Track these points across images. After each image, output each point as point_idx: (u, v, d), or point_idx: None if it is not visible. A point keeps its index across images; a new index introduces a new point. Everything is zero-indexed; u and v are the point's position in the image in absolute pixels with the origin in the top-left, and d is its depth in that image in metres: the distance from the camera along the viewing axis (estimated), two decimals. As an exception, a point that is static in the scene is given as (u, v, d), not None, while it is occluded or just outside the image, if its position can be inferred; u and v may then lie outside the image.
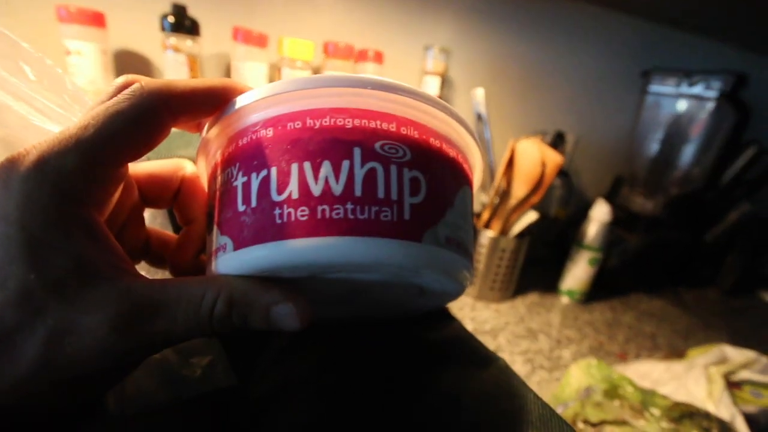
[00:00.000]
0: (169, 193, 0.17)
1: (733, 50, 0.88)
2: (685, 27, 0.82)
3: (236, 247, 0.13)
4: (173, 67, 0.49)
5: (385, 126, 0.13)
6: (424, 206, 0.13)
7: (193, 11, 0.50)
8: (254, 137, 0.14)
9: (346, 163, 0.13)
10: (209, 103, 0.14)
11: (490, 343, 0.58)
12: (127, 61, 0.54)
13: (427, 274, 0.14)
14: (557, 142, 0.66)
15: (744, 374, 0.46)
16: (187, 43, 0.49)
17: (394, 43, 0.65)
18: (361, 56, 0.60)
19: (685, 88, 0.71)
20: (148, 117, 0.13)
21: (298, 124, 0.13)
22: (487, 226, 0.66)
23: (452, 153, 0.15)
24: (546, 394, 0.50)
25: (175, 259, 0.17)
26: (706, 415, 0.35)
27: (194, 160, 0.17)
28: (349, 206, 0.12)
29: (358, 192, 0.13)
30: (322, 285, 0.15)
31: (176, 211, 0.18)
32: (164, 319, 0.12)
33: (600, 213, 0.67)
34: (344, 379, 0.18)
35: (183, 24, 0.48)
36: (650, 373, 0.51)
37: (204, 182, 0.17)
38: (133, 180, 0.16)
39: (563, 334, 0.64)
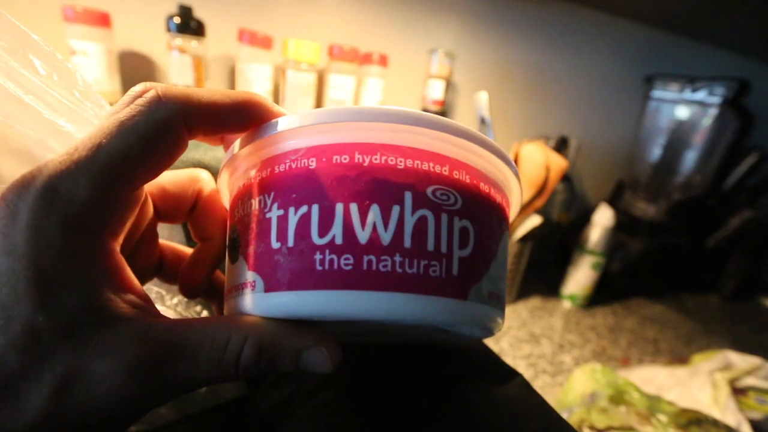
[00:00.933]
0: (185, 207, 0.16)
1: (736, 57, 0.88)
2: (688, 33, 0.82)
3: (267, 289, 0.12)
4: (178, 68, 0.49)
5: (438, 169, 0.12)
6: (471, 260, 0.13)
7: (198, 12, 0.50)
8: (294, 166, 0.12)
9: (396, 209, 0.12)
10: (232, 118, 0.13)
11: (492, 347, 0.58)
12: (132, 62, 0.54)
13: (465, 328, 0.13)
14: (561, 146, 0.66)
15: (748, 380, 0.46)
16: (192, 44, 0.49)
17: (399, 46, 0.65)
18: (366, 59, 0.60)
19: (688, 94, 0.71)
20: (165, 133, 0.11)
21: (345, 159, 0.12)
22: (490, 229, 0.66)
23: (498, 198, 0.14)
24: (549, 398, 0.49)
25: (187, 277, 0.16)
26: (714, 422, 0.35)
27: (208, 170, 0.17)
28: (398, 258, 0.12)
29: (407, 243, 0.12)
30: (351, 326, 0.14)
31: (191, 227, 0.17)
32: (186, 365, 0.11)
33: (603, 217, 0.67)
34: (358, 393, 0.18)
35: (189, 25, 0.48)
36: (654, 379, 0.51)
37: (225, 199, 0.16)
38: (148, 196, 0.15)
39: (565, 338, 0.63)
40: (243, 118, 0.13)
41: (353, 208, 0.12)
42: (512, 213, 0.16)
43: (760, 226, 0.85)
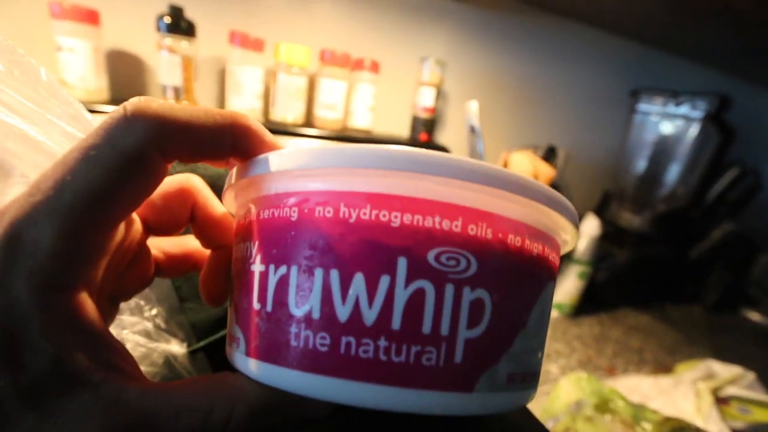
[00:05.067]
0: (179, 221, 0.14)
1: (718, 73, 0.91)
2: (673, 49, 0.85)
3: (247, 352, 0.11)
4: (167, 68, 0.48)
5: (446, 225, 0.10)
6: (483, 341, 0.10)
7: (190, 13, 0.50)
8: (277, 214, 0.11)
9: (385, 280, 0.10)
10: (213, 144, 0.11)
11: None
12: (120, 61, 0.53)
13: (476, 413, 0.11)
14: (549, 155, 0.67)
15: (731, 390, 0.46)
16: (182, 44, 0.48)
17: (391, 53, 0.66)
18: (358, 65, 0.61)
19: (672, 108, 0.73)
20: (135, 163, 0.10)
21: (329, 212, 0.10)
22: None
23: (536, 249, 0.11)
24: (536, 407, 0.49)
25: (207, 290, 0.15)
26: (697, 430, 0.35)
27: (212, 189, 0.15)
28: (382, 343, 0.10)
29: (396, 324, 0.10)
30: None
31: (197, 238, 0.15)
32: None
33: (589, 227, 0.68)
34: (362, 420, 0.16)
35: (179, 25, 0.47)
36: (639, 387, 0.51)
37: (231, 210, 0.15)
38: (134, 216, 0.13)
39: (552, 347, 0.64)
40: (225, 145, 0.11)
41: (334, 276, 0.10)
42: (564, 250, 0.14)
43: (741, 239, 0.87)
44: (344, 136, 0.58)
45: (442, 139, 0.75)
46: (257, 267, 0.11)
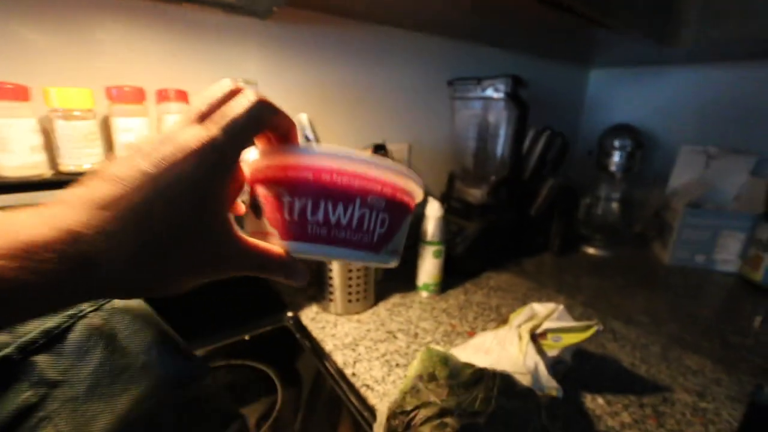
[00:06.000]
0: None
1: (516, 56, 1.06)
2: (476, 40, 0.96)
3: (282, 237, 0.23)
4: None
5: (374, 186, 0.23)
6: (385, 234, 0.25)
7: None
8: (301, 175, 0.22)
9: (350, 206, 0.23)
10: (281, 129, 0.23)
11: (349, 356, 0.59)
12: None
13: (376, 263, 0.26)
14: (378, 151, 0.71)
15: (546, 324, 0.54)
16: None
17: (197, 80, 0.64)
18: (163, 96, 0.57)
19: (479, 92, 0.83)
20: (261, 127, 0.21)
21: (327, 176, 0.22)
22: (332, 243, 0.68)
23: (406, 198, 0.26)
24: (395, 391, 0.52)
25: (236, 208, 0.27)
26: (493, 374, 0.40)
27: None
28: (349, 232, 0.23)
29: (354, 225, 0.23)
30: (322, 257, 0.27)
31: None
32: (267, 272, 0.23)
33: (432, 210, 0.74)
34: None
35: None
36: (484, 344, 0.56)
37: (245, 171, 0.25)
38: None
39: (420, 327, 0.68)
40: (283, 130, 0.23)
41: (329, 203, 0.22)
42: (418, 198, 0.28)
43: (565, 190, 1.03)
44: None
45: (281, 155, 0.75)
46: (286, 199, 0.22)
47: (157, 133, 0.58)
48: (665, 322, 0.73)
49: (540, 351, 0.52)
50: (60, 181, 0.48)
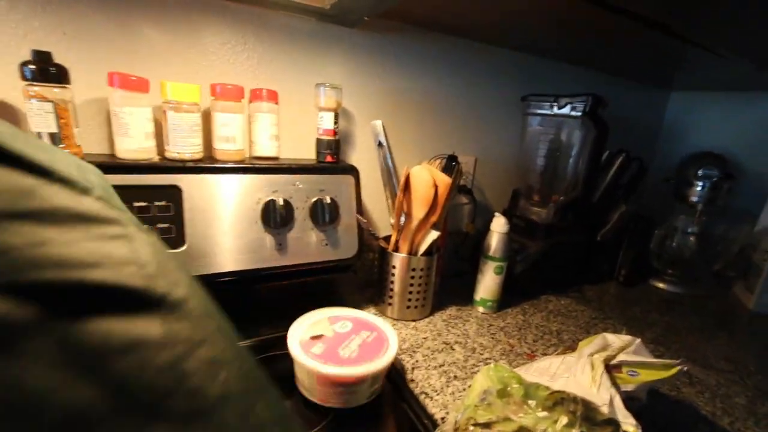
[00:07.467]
0: None
1: (595, 74, 1.03)
2: (554, 57, 0.94)
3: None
4: (39, 115, 0.46)
5: None
6: None
7: (62, 57, 0.49)
8: None
9: None
10: None
11: (407, 361, 0.59)
12: (-12, 112, 0.50)
13: None
14: (450, 163, 0.71)
15: (622, 357, 0.51)
16: (54, 90, 0.46)
17: (288, 81, 0.68)
18: (256, 96, 0.62)
19: (555, 110, 0.81)
20: None
21: None
22: (396, 249, 0.68)
23: None
24: (459, 403, 0.51)
25: None
26: (574, 399, 0.38)
27: None
28: None
29: None
30: None
31: None
32: None
33: (498, 225, 0.73)
34: None
35: (47, 71, 0.46)
36: (549, 368, 0.54)
37: None
38: None
39: (477, 342, 0.66)
40: None
41: None
42: None
43: (638, 218, 0.98)
44: (248, 166, 0.59)
45: (353, 158, 0.77)
46: None
47: (249, 129, 0.62)
48: (752, 373, 0.66)
49: (614, 384, 0.49)
50: (166, 166, 0.53)
